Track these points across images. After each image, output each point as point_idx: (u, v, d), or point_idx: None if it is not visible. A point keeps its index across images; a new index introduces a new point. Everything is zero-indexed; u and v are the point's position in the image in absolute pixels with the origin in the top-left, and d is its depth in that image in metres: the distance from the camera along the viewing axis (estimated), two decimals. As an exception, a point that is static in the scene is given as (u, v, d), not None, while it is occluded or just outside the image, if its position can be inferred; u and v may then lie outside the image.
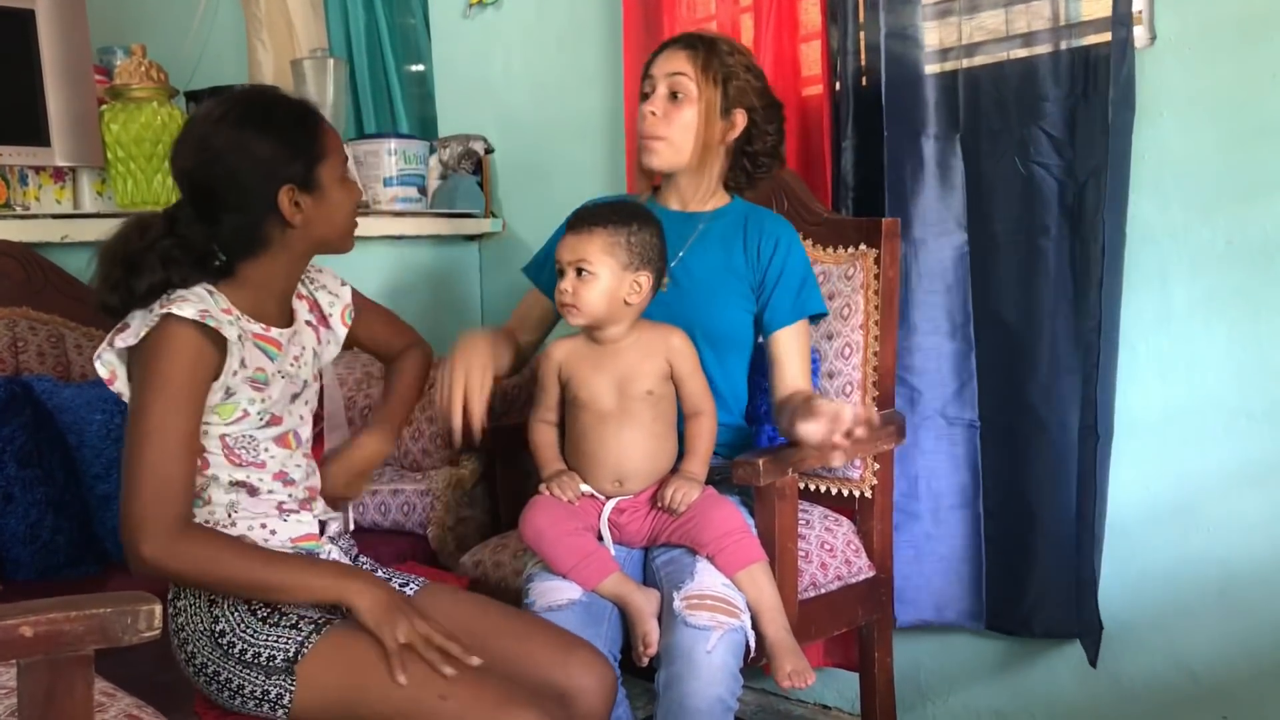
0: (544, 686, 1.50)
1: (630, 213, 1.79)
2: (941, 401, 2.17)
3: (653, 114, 1.90)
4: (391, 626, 1.41)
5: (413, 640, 1.41)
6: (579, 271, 1.74)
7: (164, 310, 1.39)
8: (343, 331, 1.67)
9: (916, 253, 2.16)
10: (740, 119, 1.92)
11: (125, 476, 1.38)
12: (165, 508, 1.37)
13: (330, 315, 1.66)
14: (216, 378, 1.43)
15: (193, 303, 1.41)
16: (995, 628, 2.21)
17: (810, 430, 1.63)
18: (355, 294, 1.70)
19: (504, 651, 1.53)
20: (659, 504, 1.75)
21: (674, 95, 1.90)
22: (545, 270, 2.01)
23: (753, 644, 1.67)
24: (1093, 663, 2.08)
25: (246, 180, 1.46)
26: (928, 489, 2.19)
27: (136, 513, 1.37)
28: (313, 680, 1.42)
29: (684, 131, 1.90)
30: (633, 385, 1.78)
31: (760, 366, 1.99)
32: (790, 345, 1.91)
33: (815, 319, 2.01)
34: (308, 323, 1.62)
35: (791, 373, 1.90)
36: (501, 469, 2.29)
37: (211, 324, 1.40)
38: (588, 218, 1.78)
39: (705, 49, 1.91)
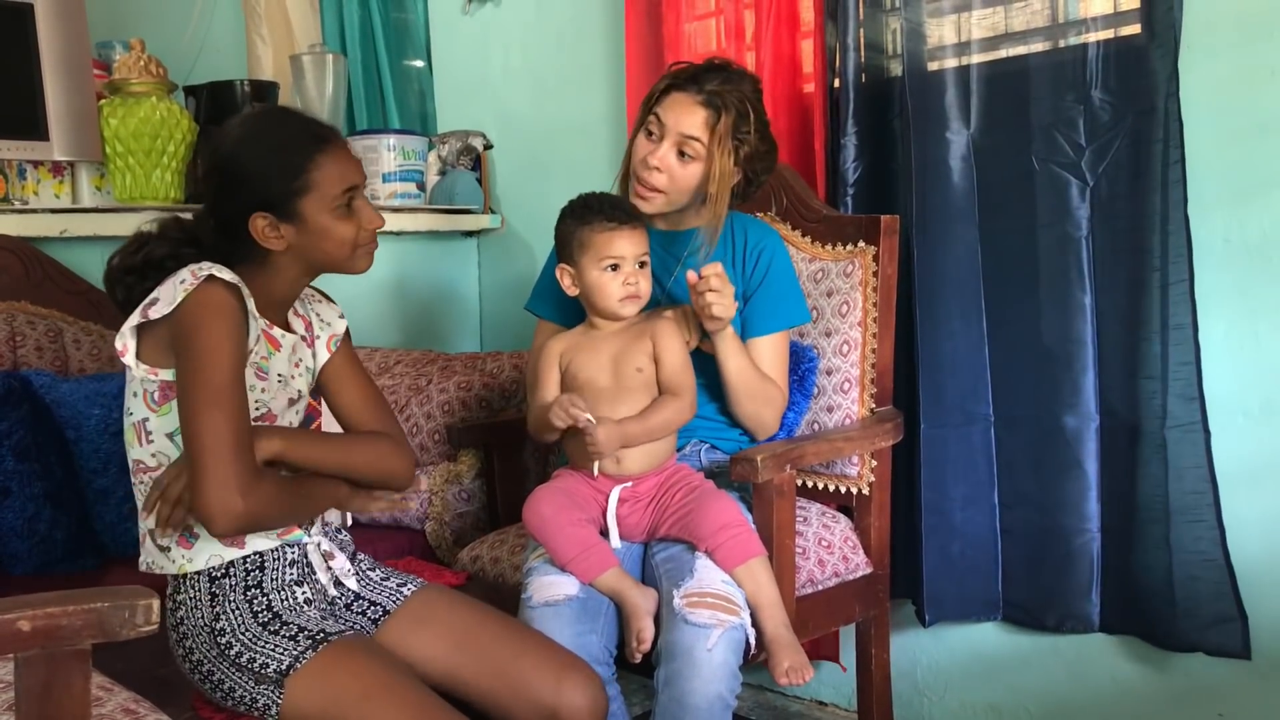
0: (535, 703, 1.51)
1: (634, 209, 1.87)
2: (959, 396, 2.16)
3: (656, 169, 1.87)
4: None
5: None
6: (641, 264, 1.81)
7: (206, 273, 1.40)
8: (324, 356, 1.67)
9: (931, 248, 2.15)
10: (739, 175, 1.90)
11: (203, 441, 1.36)
12: (249, 462, 1.38)
13: (319, 338, 1.67)
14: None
15: (227, 271, 1.42)
16: (1012, 620, 2.20)
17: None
18: (348, 340, 1.70)
19: (498, 664, 1.54)
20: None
21: (681, 153, 1.86)
22: (551, 300, 2.00)
23: (753, 641, 1.67)
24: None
25: (228, 196, 1.49)
26: (947, 483, 2.18)
27: (227, 473, 1.36)
28: (300, 696, 1.42)
29: (683, 189, 1.89)
30: (625, 363, 1.81)
31: None
32: (760, 355, 1.91)
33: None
34: (303, 338, 1.63)
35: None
36: (499, 464, 2.29)
37: (245, 292, 1.43)
38: (626, 214, 1.81)
39: (724, 111, 1.84)
